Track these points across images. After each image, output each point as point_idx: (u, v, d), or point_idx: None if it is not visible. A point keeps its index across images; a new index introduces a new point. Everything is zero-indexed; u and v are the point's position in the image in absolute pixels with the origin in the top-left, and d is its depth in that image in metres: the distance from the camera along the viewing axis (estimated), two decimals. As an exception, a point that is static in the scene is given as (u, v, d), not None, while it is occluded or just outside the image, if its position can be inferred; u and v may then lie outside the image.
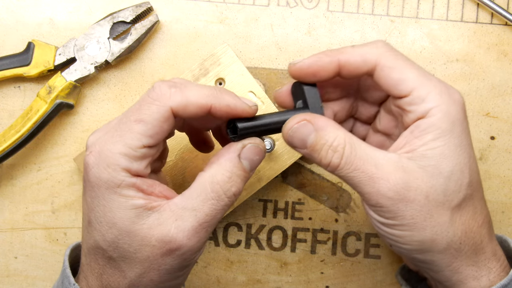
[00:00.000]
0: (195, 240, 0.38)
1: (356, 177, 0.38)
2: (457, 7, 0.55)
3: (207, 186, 0.38)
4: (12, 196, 0.55)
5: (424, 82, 0.38)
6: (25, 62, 0.53)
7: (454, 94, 0.39)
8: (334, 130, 0.38)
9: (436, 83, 0.38)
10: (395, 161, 0.38)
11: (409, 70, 0.38)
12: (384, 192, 0.37)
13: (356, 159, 0.38)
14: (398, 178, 0.37)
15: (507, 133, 0.54)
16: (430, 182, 0.37)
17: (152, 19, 0.53)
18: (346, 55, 0.39)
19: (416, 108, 0.38)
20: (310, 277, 0.55)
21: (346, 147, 0.38)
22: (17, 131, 0.51)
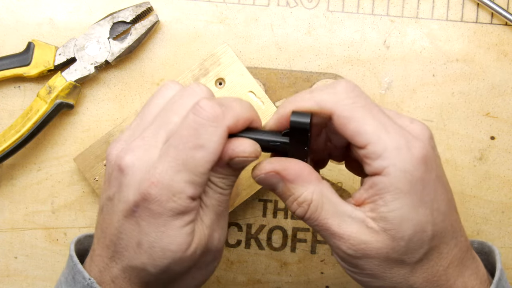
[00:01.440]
0: (220, 230, 0.41)
1: (319, 230, 0.39)
2: (457, 7, 0.55)
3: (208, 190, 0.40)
4: (12, 196, 0.55)
5: (380, 136, 0.36)
6: (25, 62, 0.53)
7: (414, 148, 0.37)
8: (303, 184, 0.38)
9: (396, 136, 0.37)
10: (361, 220, 0.38)
11: (366, 122, 0.37)
12: (344, 249, 0.38)
13: (320, 216, 0.38)
14: (359, 240, 0.38)
15: (507, 133, 0.54)
16: (391, 245, 0.37)
17: (152, 19, 0.53)
18: (301, 103, 0.38)
19: (372, 163, 0.37)
20: (310, 277, 0.55)
21: (312, 203, 0.38)
22: (17, 131, 0.51)
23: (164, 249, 0.38)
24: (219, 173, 0.39)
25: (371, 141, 0.36)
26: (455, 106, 0.54)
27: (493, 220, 0.55)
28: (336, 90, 0.38)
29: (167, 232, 0.37)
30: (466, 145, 0.54)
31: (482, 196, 0.54)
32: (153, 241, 0.38)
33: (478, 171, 0.54)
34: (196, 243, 0.38)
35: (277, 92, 0.54)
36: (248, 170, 0.52)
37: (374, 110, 0.37)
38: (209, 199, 0.39)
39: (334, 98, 0.37)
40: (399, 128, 0.37)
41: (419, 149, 0.37)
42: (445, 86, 0.54)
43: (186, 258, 0.38)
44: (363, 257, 0.38)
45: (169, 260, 0.38)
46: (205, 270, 0.41)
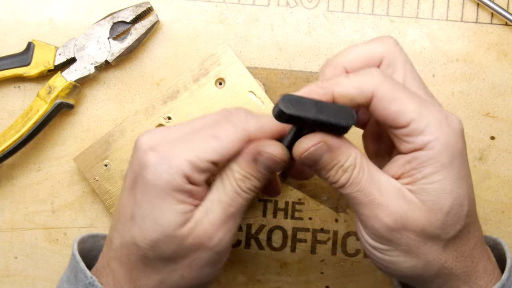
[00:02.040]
0: (224, 231, 0.39)
1: (358, 198, 0.38)
2: (457, 7, 0.55)
3: (226, 182, 0.39)
4: (12, 196, 0.55)
5: (423, 113, 0.37)
6: (25, 62, 0.53)
7: (453, 123, 0.38)
8: (347, 150, 0.38)
9: (435, 112, 0.37)
10: (398, 189, 0.38)
11: (408, 101, 0.37)
12: (382, 218, 0.38)
13: (362, 181, 0.38)
14: (398, 207, 0.37)
15: (507, 133, 0.54)
16: (429, 217, 0.37)
17: (152, 19, 0.53)
18: (341, 87, 0.38)
19: (414, 140, 0.37)
20: (310, 277, 0.55)
21: (355, 168, 0.38)
22: (17, 131, 0.51)
23: (154, 222, 0.38)
24: (242, 169, 0.39)
25: (414, 117, 0.37)
26: (455, 106, 0.54)
27: (493, 220, 0.55)
28: (372, 74, 0.38)
29: (158, 205, 0.38)
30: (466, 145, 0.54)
31: (482, 196, 0.54)
32: (144, 213, 0.38)
33: (478, 171, 0.54)
34: (189, 228, 0.38)
35: (277, 92, 0.54)
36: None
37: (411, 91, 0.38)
38: (223, 195, 0.39)
39: (373, 81, 0.37)
40: (436, 104, 0.38)
41: (457, 124, 0.38)
42: (445, 86, 0.54)
43: (175, 239, 0.38)
44: (401, 229, 0.37)
45: (157, 234, 0.38)
46: (197, 273, 0.40)
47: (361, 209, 0.38)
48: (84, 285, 0.40)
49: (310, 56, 0.54)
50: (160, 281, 0.40)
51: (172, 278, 0.40)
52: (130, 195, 0.39)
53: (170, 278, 0.40)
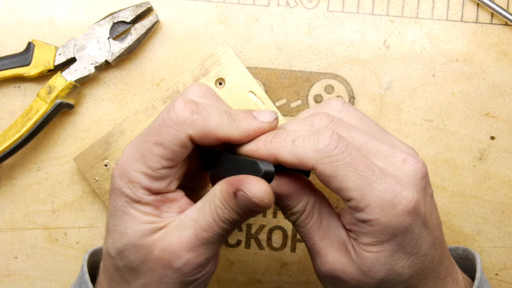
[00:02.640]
0: (193, 254, 0.37)
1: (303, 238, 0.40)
2: (457, 7, 0.55)
3: (206, 205, 0.37)
4: (12, 196, 0.55)
5: (364, 194, 0.36)
6: (25, 62, 0.53)
7: (400, 203, 0.36)
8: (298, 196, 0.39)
9: (380, 192, 0.36)
10: (342, 242, 0.39)
11: (350, 179, 0.36)
12: (318, 264, 0.39)
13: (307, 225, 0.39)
14: (336, 259, 0.39)
15: (507, 133, 0.54)
16: (363, 278, 0.38)
17: (152, 19, 0.53)
18: (283, 154, 0.37)
19: (355, 214, 0.37)
20: (310, 277, 0.55)
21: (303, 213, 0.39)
22: (17, 131, 0.51)
23: (121, 232, 0.38)
24: (223, 198, 0.36)
25: (354, 197, 0.36)
26: (455, 106, 0.54)
27: (493, 220, 0.55)
28: (318, 145, 0.36)
29: (124, 217, 0.38)
30: (466, 145, 0.54)
31: (482, 196, 0.54)
32: (115, 224, 0.39)
33: (478, 171, 0.54)
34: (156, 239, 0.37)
35: (277, 92, 0.54)
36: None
37: (360, 164, 0.36)
38: (201, 216, 0.37)
39: (314, 157, 0.36)
40: (386, 181, 0.36)
41: (406, 203, 0.36)
42: (445, 86, 0.54)
43: (141, 248, 0.38)
44: (335, 278, 0.39)
45: (123, 242, 0.38)
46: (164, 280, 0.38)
47: (308, 250, 0.40)
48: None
49: (310, 56, 0.54)
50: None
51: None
52: (108, 209, 0.40)
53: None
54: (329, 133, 0.36)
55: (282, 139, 0.37)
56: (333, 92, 0.54)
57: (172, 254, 0.37)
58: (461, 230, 0.55)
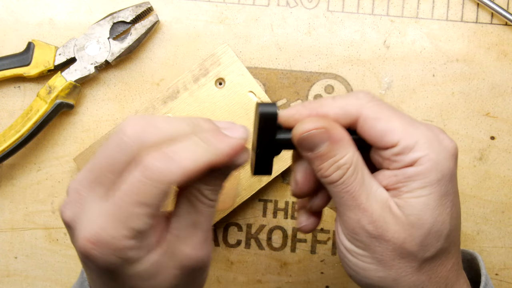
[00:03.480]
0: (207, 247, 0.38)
1: (345, 199, 0.38)
2: (457, 7, 0.55)
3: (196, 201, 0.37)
4: (12, 196, 0.55)
5: (411, 131, 0.37)
6: (25, 62, 0.53)
7: (445, 141, 0.37)
8: (346, 146, 0.37)
9: (425, 131, 0.37)
10: (385, 199, 0.38)
11: (395, 119, 0.37)
12: (364, 224, 0.37)
13: (353, 183, 0.37)
14: (382, 217, 0.37)
15: (507, 133, 0.54)
16: (410, 231, 0.37)
17: (152, 19, 0.53)
18: (325, 108, 0.38)
19: (403, 158, 0.37)
20: (310, 277, 0.55)
21: (350, 168, 0.37)
22: (17, 131, 0.51)
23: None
24: (211, 184, 0.37)
25: (403, 136, 0.36)
26: (455, 106, 0.54)
27: (493, 220, 0.55)
28: (359, 95, 0.38)
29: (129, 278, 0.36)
30: (466, 145, 0.54)
31: (482, 196, 0.54)
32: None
33: (478, 171, 0.54)
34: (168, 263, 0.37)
35: (277, 92, 0.54)
36: (247, 170, 0.52)
37: (398, 111, 0.38)
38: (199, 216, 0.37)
39: (358, 102, 0.37)
40: (425, 123, 0.38)
41: (449, 143, 0.37)
42: (445, 86, 0.54)
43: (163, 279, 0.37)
44: (380, 238, 0.37)
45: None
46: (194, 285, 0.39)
47: (345, 210, 0.38)
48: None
49: (310, 56, 0.54)
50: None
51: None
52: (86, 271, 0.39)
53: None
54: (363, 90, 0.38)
55: (322, 99, 0.38)
56: (333, 92, 0.54)
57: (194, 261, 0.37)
58: (461, 230, 0.55)
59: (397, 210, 0.37)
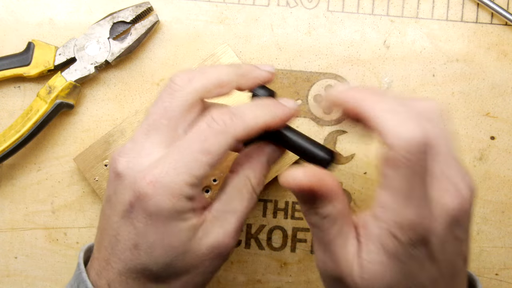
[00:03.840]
0: (237, 238, 0.40)
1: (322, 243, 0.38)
2: (457, 7, 0.55)
3: (243, 189, 0.40)
4: (12, 196, 0.55)
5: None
6: (25, 62, 0.53)
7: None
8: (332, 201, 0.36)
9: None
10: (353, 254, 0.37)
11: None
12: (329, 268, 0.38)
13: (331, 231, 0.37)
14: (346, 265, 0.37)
15: (507, 133, 0.54)
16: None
17: (152, 19, 0.53)
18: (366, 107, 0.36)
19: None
20: (310, 277, 0.55)
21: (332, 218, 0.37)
22: (17, 131, 0.51)
23: (165, 246, 0.38)
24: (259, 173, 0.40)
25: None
26: (455, 106, 0.54)
27: (493, 220, 0.55)
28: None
29: (166, 231, 0.37)
30: (466, 145, 0.54)
31: (482, 196, 0.54)
32: (152, 242, 0.38)
33: (478, 171, 0.54)
34: (199, 238, 0.38)
35: (277, 92, 0.54)
36: (248, 170, 0.52)
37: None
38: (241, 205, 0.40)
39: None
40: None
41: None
42: (445, 86, 0.54)
43: (189, 253, 0.38)
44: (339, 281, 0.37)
45: (171, 257, 0.38)
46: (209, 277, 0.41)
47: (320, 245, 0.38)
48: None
49: (310, 56, 0.54)
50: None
51: (186, 278, 0.40)
52: (127, 224, 0.38)
53: (185, 280, 0.40)
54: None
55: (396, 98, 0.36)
56: (333, 92, 0.54)
57: (222, 247, 0.39)
58: (461, 230, 0.55)
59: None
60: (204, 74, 0.40)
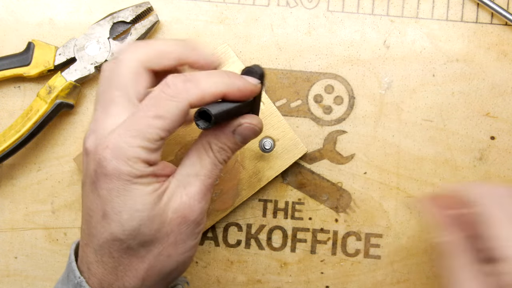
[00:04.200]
0: (204, 202, 0.41)
1: None
2: (457, 7, 0.55)
3: (203, 153, 0.41)
4: (12, 196, 0.55)
5: None
6: (25, 62, 0.53)
7: None
8: None
9: None
10: None
11: None
12: None
13: None
14: None
15: (507, 133, 0.54)
16: None
17: (152, 19, 0.53)
18: None
19: None
20: (310, 277, 0.55)
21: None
22: (17, 131, 0.51)
23: (130, 210, 0.38)
24: (220, 141, 0.41)
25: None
26: (455, 106, 0.54)
27: (493, 220, 0.55)
28: None
29: (129, 195, 0.38)
30: (466, 145, 0.54)
31: (482, 196, 0.54)
32: (117, 207, 0.38)
33: (478, 171, 0.54)
34: (165, 203, 0.39)
35: (277, 92, 0.54)
36: (247, 170, 0.52)
37: None
38: (202, 168, 0.40)
39: None
40: None
41: None
42: (445, 86, 0.54)
43: (155, 217, 0.39)
44: None
45: (137, 221, 0.38)
46: (182, 248, 0.41)
47: None
48: (73, 285, 0.41)
49: (310, 56, 0.54)
50: (148, 268, 0.40)
51: (159, 261, 0.40)
52: (94, 195, 0.39)
53: (157, 261, 0.40)
54: None
55: None
56: (333, 92, 0.54)
57: (187, 209, 0.40)
58: (461, 230, 0.55)
59: None
60: (147, 44, 0.41)
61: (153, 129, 0.38)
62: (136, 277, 0.40)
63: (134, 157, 0.38)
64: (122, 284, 0.40)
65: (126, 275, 0.40)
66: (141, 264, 0.40)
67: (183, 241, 0.40)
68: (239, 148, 0.42)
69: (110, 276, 0.40)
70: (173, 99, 0.38)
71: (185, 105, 0.38)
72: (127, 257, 0.40)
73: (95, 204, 0.39)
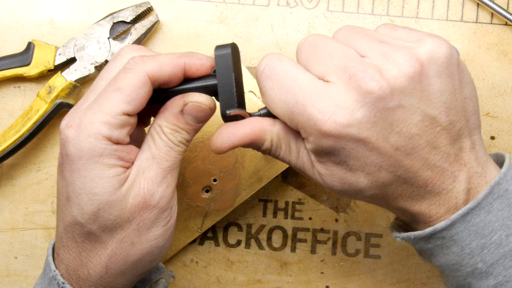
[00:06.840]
0: (164, 186, 0.40)
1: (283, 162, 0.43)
2: (457, 7, 0.55)
3: (155, 136, 0.40)
4: (12, 196, 0.55)
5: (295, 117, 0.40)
6: (25, 62, 0.53)
7: (316, 126, 0.38)
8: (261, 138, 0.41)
9: (303, 117, 0.39)
10: (311, 160, 0.40)
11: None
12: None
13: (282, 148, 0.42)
14: (312, 173, 0.41)
15: (507, 133, 0.54)
16: None
17: (152, 19, 0.53)
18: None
19: None
20: (310, 277, 0.55)
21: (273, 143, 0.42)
22: (17, 131, 0.51)
23: (89, 193, 0.38)
24: (170, 122, 0.40)
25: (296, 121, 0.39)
26: (455, 106, 0.54)
27: (493, 220, 0.54)
28: None
29: (89, 176, 0.38)
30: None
31: (482, 196, 0.54)
32: (78, 189, 0.38)
33: (478, 171, 0.54)
34: (126, 189, 0.39)
35: (277, 92, 0.54)
36: (247, 170, 0.52)
37: None
38: (157, 151, 0.40)
39: None
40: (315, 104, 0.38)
41: (320, 126, 0.38)
42: (445, 86, 0.54)
43: (115, 202, 0.38)
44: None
45: (95, 205, 0.38)
46: (146, 236, 0.40)
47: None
48: (49, 278, 0.41)
49: (310, 56, 0.54)
50: (111, 255, 0.40)
51: (122, 249, 0.39)
52: (61, 178, 0.39)
53: (120, 248, 0.39)
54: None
55: None
56: (333, 92, 0.54)
57: (147, 194, 0.39)
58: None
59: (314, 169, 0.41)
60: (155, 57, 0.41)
61: (112, 102, 0.38)
62: (99, 264, 0.40)
63: (95, 133, 0.37)
64: (87, 271, 0.40)
65: (90, 261, 0.40)
66: (104, 250, 0.39)
67: (147, 228, 0.40)
68: (197, 129, 0.41)
69: (75, 262, 0.40)
70: (130, 71, 0.39)
71: (142, 75, 0.38)
72: (89, 243, 0.39)
73: (61, 187, 0.40)
